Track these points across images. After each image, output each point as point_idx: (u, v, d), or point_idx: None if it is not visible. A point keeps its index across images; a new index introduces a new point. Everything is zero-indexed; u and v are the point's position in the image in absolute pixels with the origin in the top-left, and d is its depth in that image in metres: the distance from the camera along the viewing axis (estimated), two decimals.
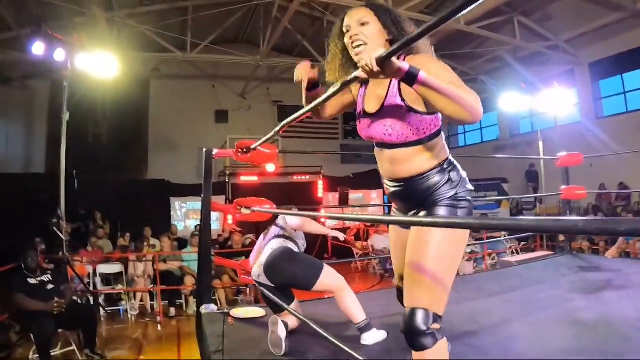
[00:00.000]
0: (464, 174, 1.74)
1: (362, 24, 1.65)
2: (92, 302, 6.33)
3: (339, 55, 1.78)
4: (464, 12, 0.95)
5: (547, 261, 5.14)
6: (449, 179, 1.68)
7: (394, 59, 1.25)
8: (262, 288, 2.80)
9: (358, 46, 1.64)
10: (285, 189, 12.05)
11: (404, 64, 1.30)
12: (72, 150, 10.55)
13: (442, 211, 1.66)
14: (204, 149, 3.39)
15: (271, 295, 2.64)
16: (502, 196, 13.74)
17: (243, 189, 11.60)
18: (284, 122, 2.18)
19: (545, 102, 10.19)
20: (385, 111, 1.67)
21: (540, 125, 11.17)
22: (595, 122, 11.97)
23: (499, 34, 10.98)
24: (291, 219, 3.03)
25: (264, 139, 2.76)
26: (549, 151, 9.89)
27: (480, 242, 8.82)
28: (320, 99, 1.71)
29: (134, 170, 13.12)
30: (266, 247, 2.97)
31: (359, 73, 1.33)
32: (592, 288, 3.72)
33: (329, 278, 2.75)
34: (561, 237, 9.24)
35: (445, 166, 1.70)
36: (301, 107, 1.91)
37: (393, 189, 1.79)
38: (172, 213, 11.52)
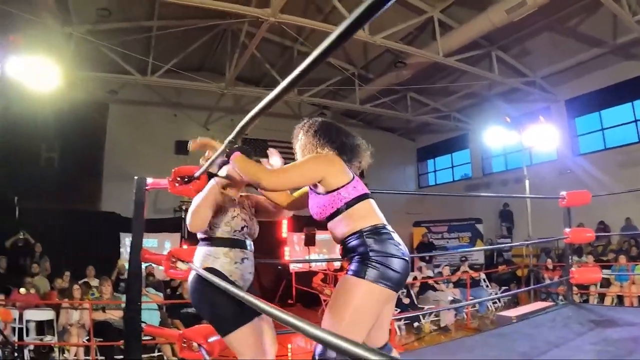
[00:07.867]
0: (385, 246, 1.83)
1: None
2: (15, 355, 5.33)
3: None
4: None
5: (550, 315, 4.43)
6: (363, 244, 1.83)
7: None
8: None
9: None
10: None
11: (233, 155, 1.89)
12: (18, 175, 9.44)
13: (352, 265, 1.83)
14: (135, 177, 2.55)
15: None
16: (476, 236, 13.33)
17: None
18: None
19: (529, 138, 9.84)
20: None
21: (514, 164, 10.67)
22: (572, 160, 11.66)
23: (476, 68, 10.58)
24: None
25: (209, 162, 1.99)
26: (525, 190, 9.66)
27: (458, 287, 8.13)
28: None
29: (86, 201, 11.86)
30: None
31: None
32: (625, 351, 3.07)
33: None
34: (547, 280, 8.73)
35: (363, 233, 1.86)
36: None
37: None
38: (121, 250, 10.34)
